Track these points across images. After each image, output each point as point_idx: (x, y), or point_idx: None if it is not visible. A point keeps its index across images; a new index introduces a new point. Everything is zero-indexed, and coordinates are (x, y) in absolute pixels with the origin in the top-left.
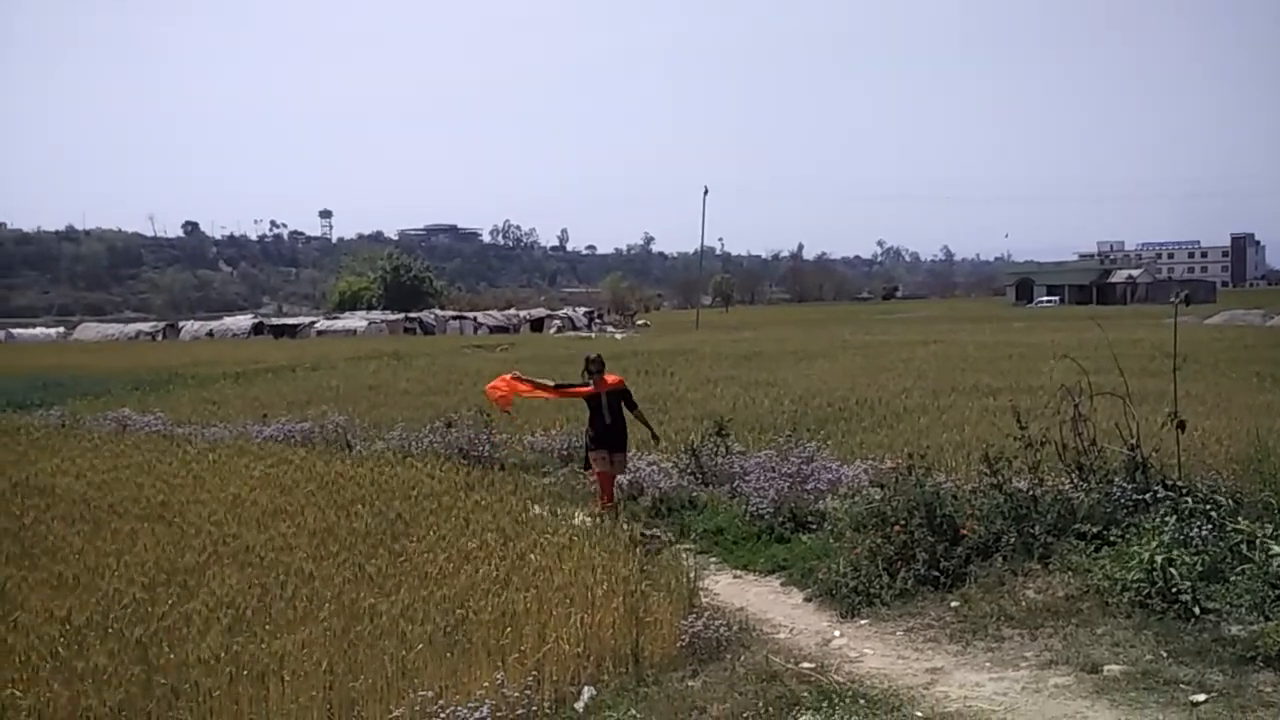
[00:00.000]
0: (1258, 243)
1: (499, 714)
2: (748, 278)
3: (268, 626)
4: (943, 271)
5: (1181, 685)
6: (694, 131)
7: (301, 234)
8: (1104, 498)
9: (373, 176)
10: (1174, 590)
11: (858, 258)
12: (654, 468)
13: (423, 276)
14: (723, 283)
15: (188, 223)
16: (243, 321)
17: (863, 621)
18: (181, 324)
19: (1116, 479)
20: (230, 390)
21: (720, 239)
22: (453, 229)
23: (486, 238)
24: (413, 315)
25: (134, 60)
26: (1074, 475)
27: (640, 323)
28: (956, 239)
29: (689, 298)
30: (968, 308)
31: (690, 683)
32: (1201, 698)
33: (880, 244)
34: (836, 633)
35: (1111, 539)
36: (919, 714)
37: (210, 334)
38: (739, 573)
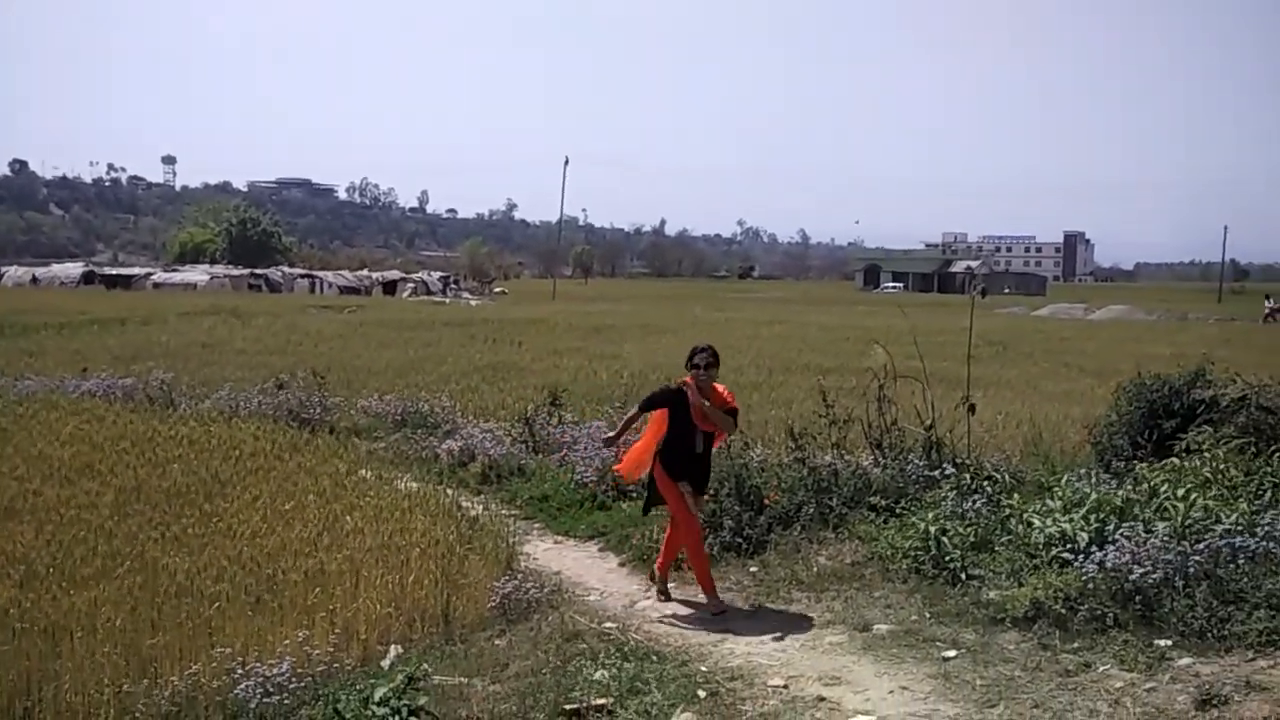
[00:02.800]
0: (1088, 241)
1: (300, 670)
2: (609, 250)
3: (62, 584)
4: (798, 254)
5: (937, 642)
6: (563, 100)
7: (142, 179)
8: (899, 473)
9: (221, 124)
10: (946, 558)
11: (718, 236)
12: (487, 435)
13: (271, 231)
14: (583, 254)
15: (15, 161)
16: (72, 269)
17: (670, 585)
18: (3, 269)
19: (912, 456)
20: (51, 342)
21: (584, 209)
22: (307, 183)
23: (342, 195)
24: (258, 271)
25: None
26: (874, 452)
27: (498, 291)
28: (813, 223)
29: (549, 267)
30: (818, 290)
31: (497, 641)
32: (952, 653)
33: (740, 224)
34: (643, 596)
35: (899, 511)
36: (704, 668)
37: (34, 280)
38: (560, 538)
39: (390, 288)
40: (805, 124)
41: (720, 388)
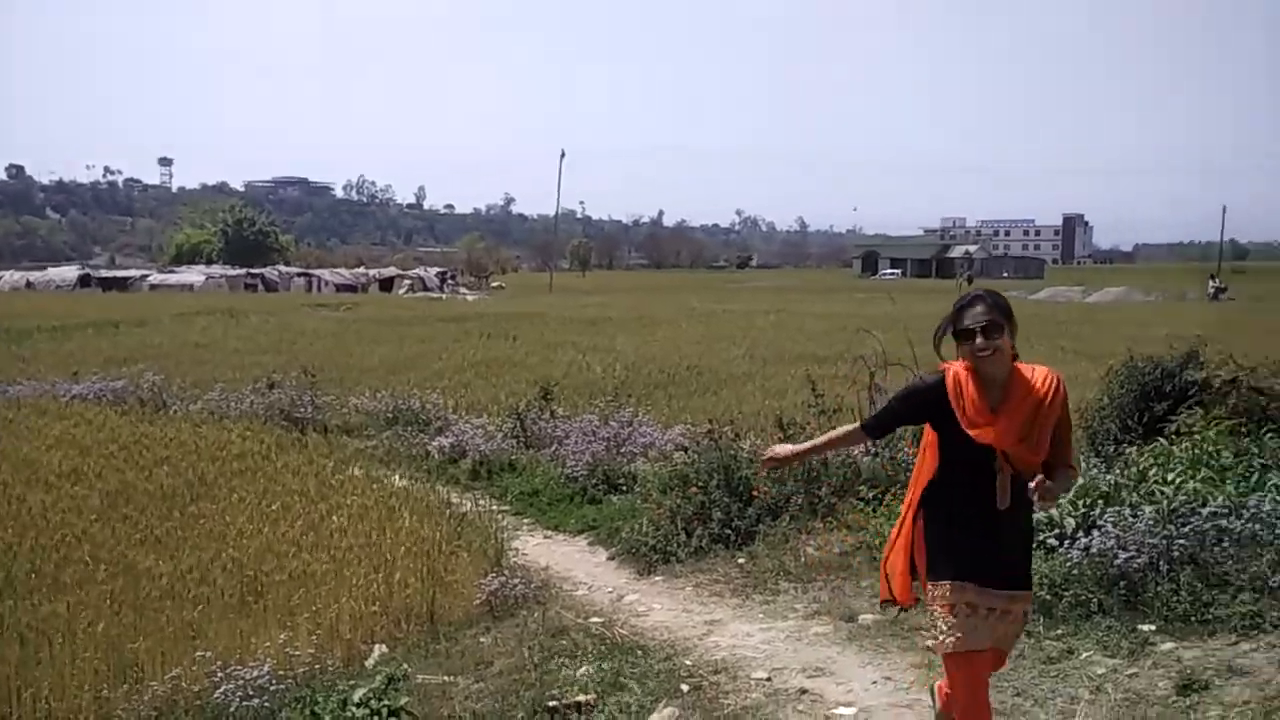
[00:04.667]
0: (1086, 223)
1: (282, 672)
2: (606, 242)
3: (43, 589)
4: (797, 242)
5: (922, 632)
6: (559, 93)
7: (138, 181)
8: (888, 461)
9: (218, 125)
10: None
11: (716, 226)
12: (478, 431)
13: (268, 231)
14: (580, 247)
15: (12, 166)
16: (67, 273)
17: (657, 578)
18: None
19: (902, 444)
20: (44, 345)
21: (581, 202)
22: (303, 182)
23: (339, 193)
24: (255, 271)
25: None
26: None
27: (495, 285)
28: (811, 210)
29: (546, 261)
30: (816, 278)
31: (482, 639)
32: (933, 642)
33: (739, 213)
34: (631, 589)
35: (889, 500)
36: (688, 662)
37: (29, 285)
38: (550, 533)
39: (387, 285)
40: (802, 110)
41: (1033, 372)
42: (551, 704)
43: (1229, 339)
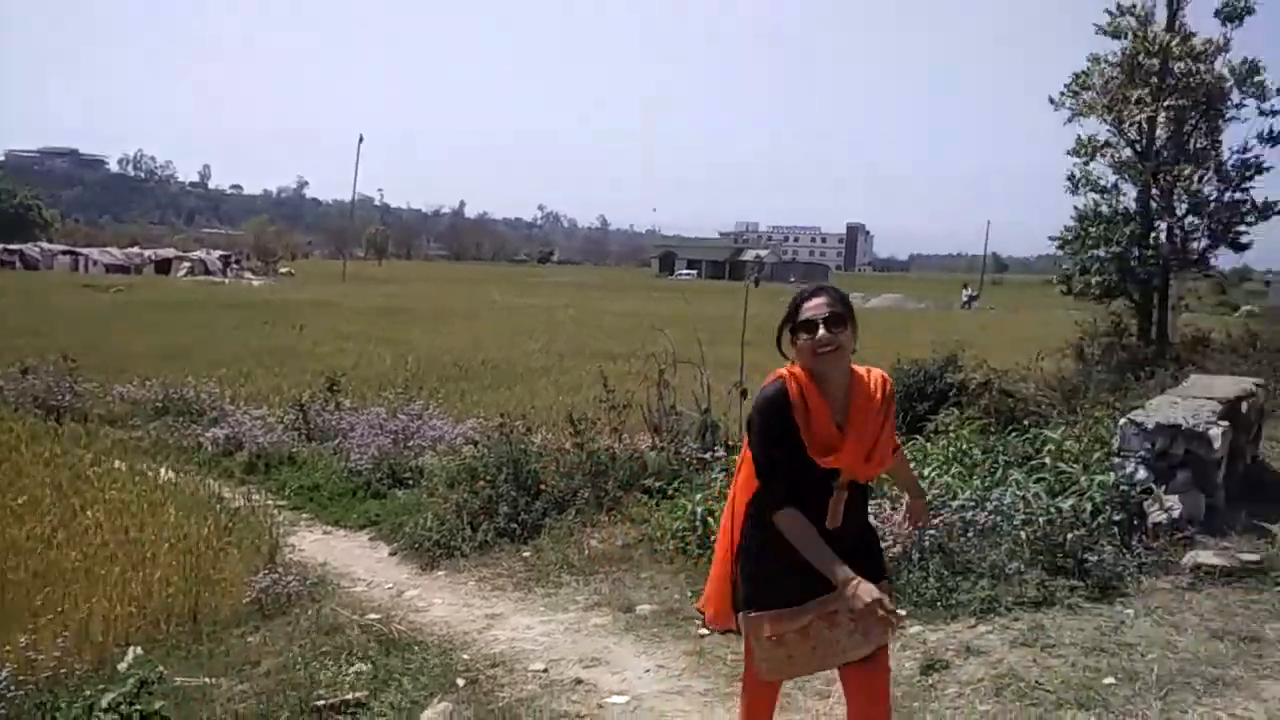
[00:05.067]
0: (868, 233)
1: (23, 677)
2: (405, 231)
3: None
4: (598, 239)
5: (696, 620)
6: (360, 77)
7: None
8: (673, 456)
9: None
10: (711, 538)
11: (519, 219)
12: (257, 422)
13: (30, 204)
14: (377, 235)
15: None
16: None
17: (440, 573)
18: None
19: (687, 439)
20: None
21: (380, 190)
22: (73, 154)
23: (114, 167)
24: (12, 247)
25: None
26: (652, 435)
27: (284, 271)
28: (613, 209)
29: (341, 248)
30: (615, 276)
31: (250, 638)
32: (707, 631)
33: (541, 208)
34: (412, 585)
35: (672, 493)
36: (465, 656)
37: None
38: (330, 529)
39: (164, 266)
40: (607, 110)
41: (869, 374)
42: (319, 703)
43: (986, 345)
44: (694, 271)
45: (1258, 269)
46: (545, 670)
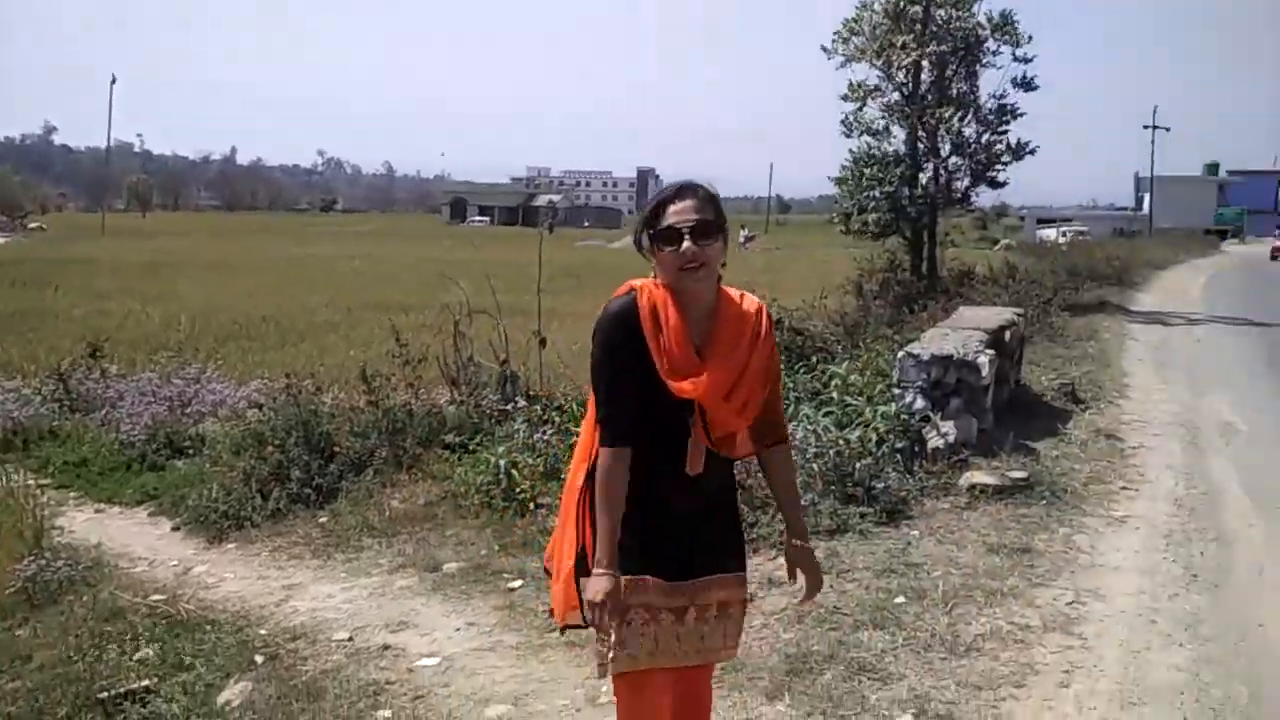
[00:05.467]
0: (658, 177)
1: None
2: (171, 180)
3: None
4: (384, 186)
5: (504, 574)
6: (110, 3)
7: None
8: (474, 409)
9: None
10: (516, 490)
11: (297, 166)
12: (10, 395)
13: None
14: (139, 184)
15: None
16: None
17: (230, 546)
18: None
19: (487, 392)
20: None
21: (140, 135)
22: None
23: None
24: None
25: None
26: (450, 389)
27: (34, 226)
28: (398, 155)
29: (99, 200)
30: (405, 224)
31: (18, 631)
32: (518, 584)
33: (321, 154)
34: (200, 561)
35: (474, 448)
36: (263, 631)
37: None
38: (103, 506)
39: None
40: (390, 55)
41: (742, 299)
42: (102, 695)
43: (773, 284)
44: (486, 218)
45: (1013, 205)
46: (350, 639)
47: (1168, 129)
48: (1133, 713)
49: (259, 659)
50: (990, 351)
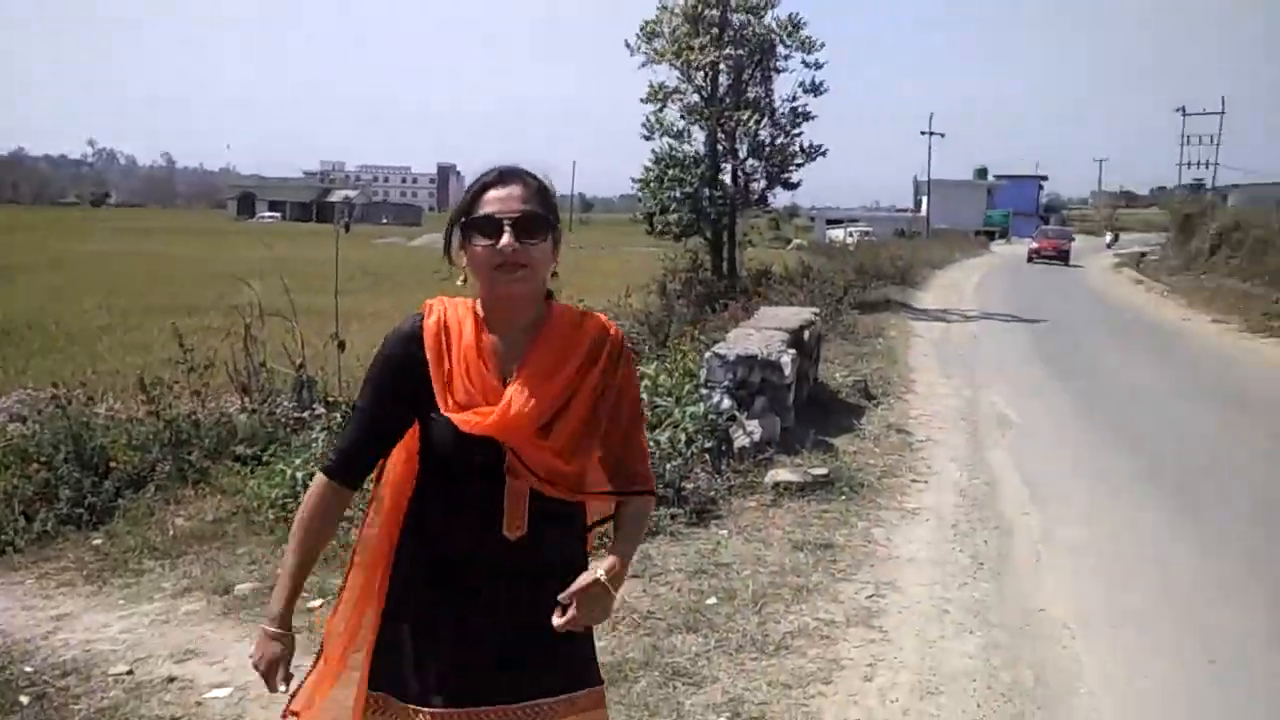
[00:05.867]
0: (459, 173)
1: None
2: None
3: None
4: (163, 179)
5: (303, 594)
6: None
7: None
8: (268, 418)
9: None
10: None
11: (64, 157)
12: None
13: None
14: None
15: None
16: None
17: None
18: None
19: (281, 398)
20: None
21: None
22: None
23: None
24: None
25: None
26: (241, 397)
27: None
28: (178, 145)
29: None
30: (187, 219)
31: None
32: (317, 602)
33: (92, 144)
34: None
35: (267, 459)
36: (29, 669)
37: None
38: None
39: None
40: (170, 38)
41: (581, 318)
42: None
43: (579, 284)
44: (278, 214)
45: (804, 205)
46: (130, 672)
47: (943, 135)
48: (931, 702)
49: (24, 699)
50: (792, 351)
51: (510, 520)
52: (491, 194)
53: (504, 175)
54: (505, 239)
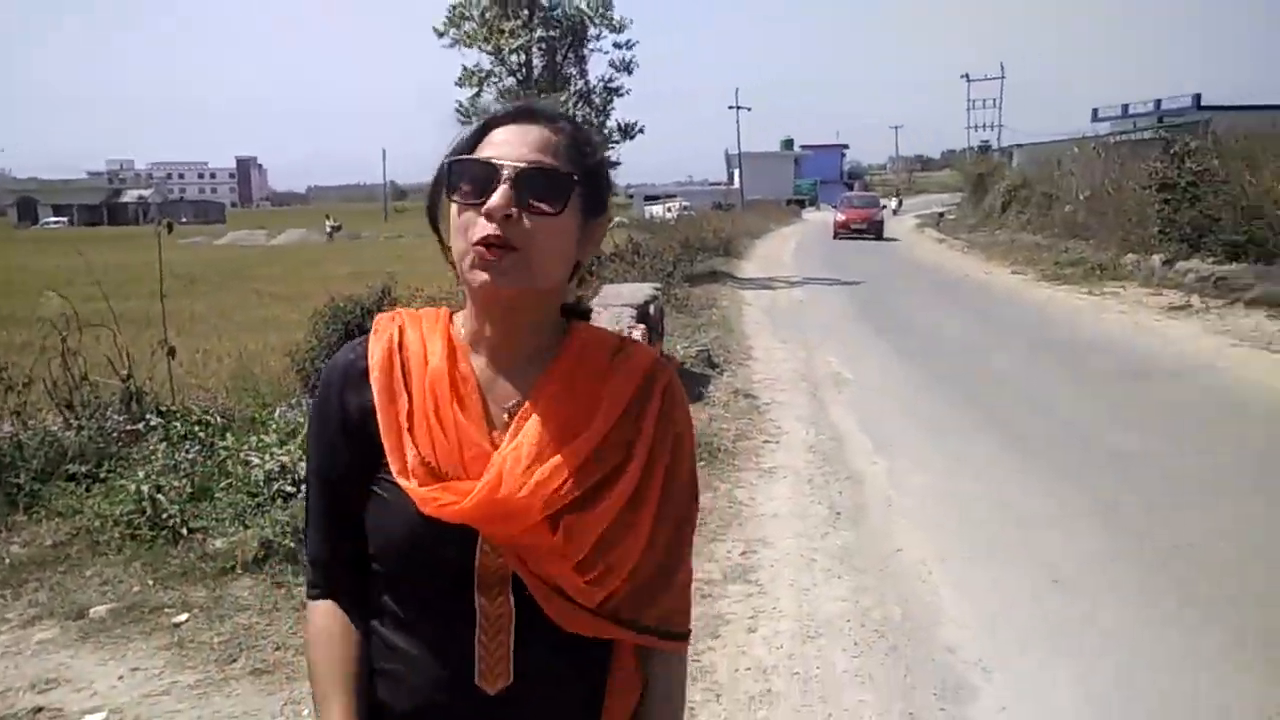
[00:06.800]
0: (261, 166)
1: None
2: None
3: None
4: None
5: (166, 609)
6: None
7: None
8: (97, 433)
9: None
10: (163, 516)
11: None
12: None
13: None
14: None
15: None
16: None
17: None
18: None
19: (110, 412)
20: None
21: None
22: None
23: None
24: None
25: None
26: (65, 414)
27: None
28: None
29: None
30: None
31: None
32: (183, 617)
33: None
34: None
35: (105, 476)
36: None
37: None
38: None
39: None
40: None
41: (623, 346)
42: None
43: (409, 271)
44: (64, 219)
45: (620, 184)
46: None
47: (749, 109)
48: (812, 645)
49: None
50: (642, 326)
51: (488, 667)
52: (499, 133)
53: (518, 111)
54: (496, 198)
